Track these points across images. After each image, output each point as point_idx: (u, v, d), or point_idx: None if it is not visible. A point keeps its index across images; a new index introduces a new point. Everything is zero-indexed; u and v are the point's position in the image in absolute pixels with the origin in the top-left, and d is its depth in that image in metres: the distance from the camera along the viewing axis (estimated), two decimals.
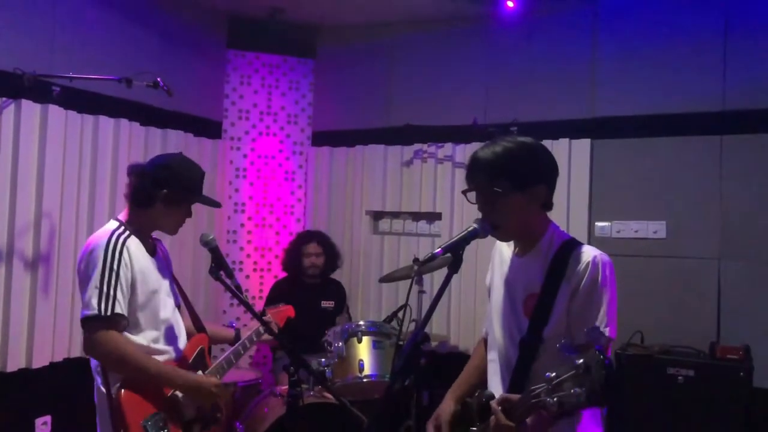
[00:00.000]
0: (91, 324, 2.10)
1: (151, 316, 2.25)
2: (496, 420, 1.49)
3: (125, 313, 2.15)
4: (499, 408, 1.49)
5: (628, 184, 3.79)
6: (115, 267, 2.13)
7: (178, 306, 2.49)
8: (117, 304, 2.11)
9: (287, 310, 3.02)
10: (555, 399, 1.26)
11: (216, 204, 2.49)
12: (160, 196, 2.25)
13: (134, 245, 2.24)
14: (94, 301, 2.09)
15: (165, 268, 2.42)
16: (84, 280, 2.15)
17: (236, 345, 2.57)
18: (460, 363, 2.07)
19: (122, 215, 2.31)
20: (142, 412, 2.14)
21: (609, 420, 1.81)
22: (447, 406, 1.89)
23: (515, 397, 1.48)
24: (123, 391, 2.12)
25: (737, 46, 3.56)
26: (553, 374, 1.30)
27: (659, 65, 3.73)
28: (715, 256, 3.55)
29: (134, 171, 2.31)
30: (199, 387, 2.25)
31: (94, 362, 2.23)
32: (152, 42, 4.02)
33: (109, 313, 2.09)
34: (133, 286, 2.18)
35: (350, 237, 4.61)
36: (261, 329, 2.65)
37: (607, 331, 1.61)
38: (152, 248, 2.37)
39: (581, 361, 1.23)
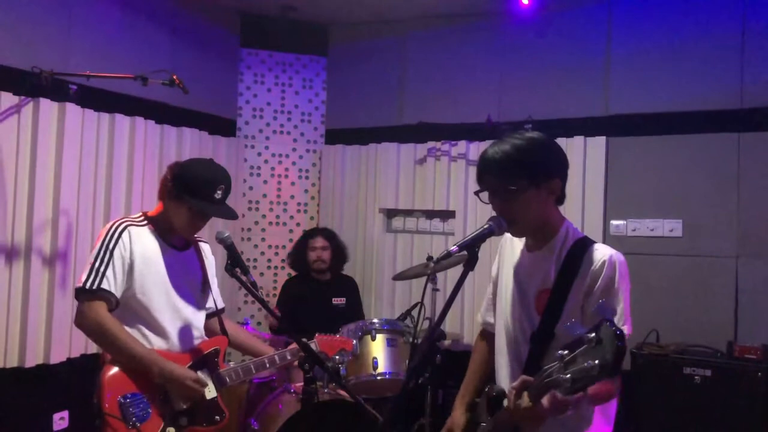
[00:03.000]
0: (79, 296, 2.20)
1: (156, 303, 2.27)
2: (515, 403, 1.48)
3: (114, 291, 2.19)
4: (518, 389, 1.49)
5: (643, 182, 3.76)
6: (110, 247, 2.21)
7: (212, 313, 2.50)
8: (105, 280, 2.17)
9: (343, 342, 2.77)
10: (568, 375, 1.25)
11: (225, 216, 2.33)
12: (167, 188, 2.31)
13: (143, 232, 2.29)
14: (84, 276, 2.18)
15: (194, 267, 2.43)
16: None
17: (264, 357, 2.49)
18: None
19: (154, 209, 2.39)
20: (123, 388, 2.16)
21: (624, 420, 1.79)
22: (458, 417, 1.88)
23: (531, 378, 1.48)
24: (110, 365, 2.18)
25: (755, 42, 3.52)
26: (565, 351, 1.28)
27: (675, 62, 3.70)
28: (732, 255, 3.51)
29: (169, 165, 2.39)
30: (173, 377, 2.20)
31: None
32: (167, 41, 4.05)
33: (94, 287, 2.16)
34: (131, 269, 2.23)
35: (363, 235, 4.61)
36: (293, 353, 2.50)
37: (625, 329, 1.60)
38: (180, 244, 2.40)
39: (593, 334, 1.21)
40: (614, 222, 3.82)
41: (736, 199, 3.53)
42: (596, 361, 1.18)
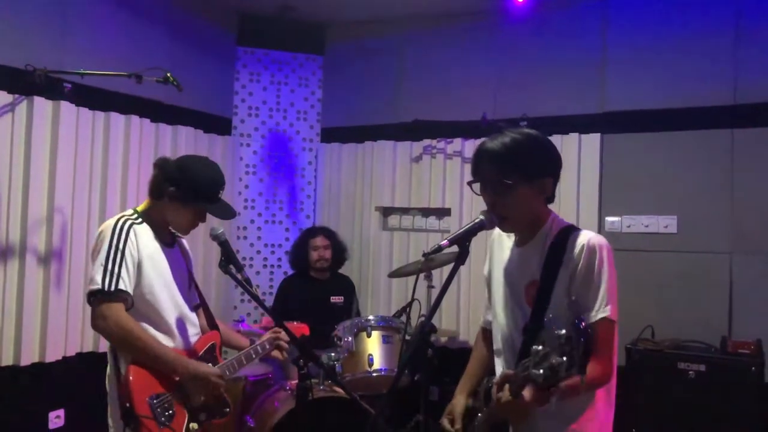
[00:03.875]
0: (95, 298, 2.16)
1: (161, 301, 2.27)
2: (496, 397, 1.51)
3: (129, 290, 2.18)
4: (499, 384, 1.52)
5: (638, 178, 3.78)
6: (120, 246, 2.18)
7: (196, 306, 2.51)
8: (121, 281, 2.15)
9: (301, 328, 2.89)
10: (540, 370, 1.30)
11: (227, 215, 2.38)
12: (167, 192, 2.29)
13: (144, 231, 2.28)
14: (98, 277, 2.14)
15: (182, 263, 2.45)
16: (93, 260, 2.22)
17: (248, 348, 2.53)
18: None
19: (141, 205, 2.38)
20: (150, 389, 2.16)
21: (619, 415, 1.80)
22: (459, 401, 1.91)
23: (511, 372, 1.51)
24: (132, 367, 2.16)
25: (748, 39, 3.53)
26: (540, 347, 1.33)
27: (669, 59, 3.71)
28: (726, 251, 3.52)
29: (157, 163, 2.37)
30: (200, 375, 2.24)
31: (107, 346, 2.26)
32: (163, 39, 4.04)
33: (112, 288, 2.13)
34: (139, 268, 2.22)
35: (360, 233, 4.62)
36: (270, 341, 2.55)
37: (608, 310, 1.62)
38: (169, 241, 2.41)
39: (563, 332, 1.26)
40: (609, 218, 3.83)
41: (730, 195, 3.54)
42: (563, 358, 1.24)
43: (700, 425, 3.07)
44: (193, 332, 2.41)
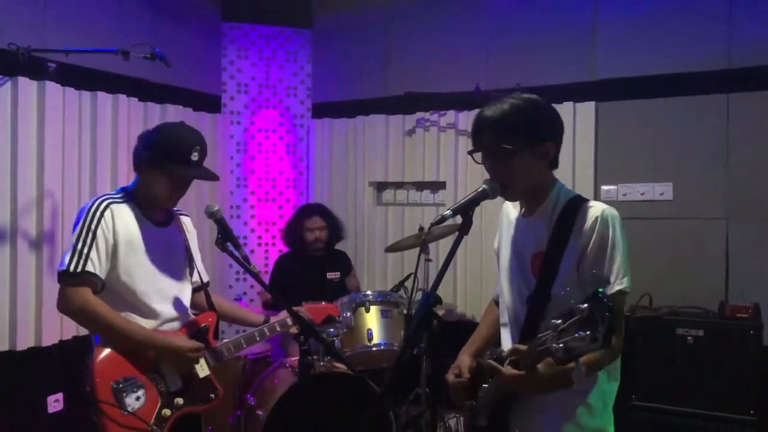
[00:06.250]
0: (62, 280, 2.13)
1: (140, 284, 2.22)
2: (505, 371, 1.51)
3: (98, 273, 2.13)
4: (508, 359, 1.51)
5: (633, 146, 3.75)
6: (92, 227, 2.14)
7: (197, 286, 2.47)
8: (89, 262, 2.11)
9: (330, 309, 2.82)
10: (561, 345, 1.28)
11: (212, 177, 2.33)
12: (144, 158, 2.25)
13: (124, 210, 2.23)
14: (67, 258, 2.12)
15: (178, 242, 2.39)
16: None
17: (254, 330, 2.50)
18: (467, 331, 2.06)
19: (131, 184, 2.34)
20: (116, 373, 2.13)
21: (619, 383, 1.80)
22: (464, 359, 1.87)
23: (524, 347, 1.49)
24: (99, 348, 2.14)
25: (742, 2, 3.49)
26: (559, 321, 1.31)
27: (662, 24, 3.66)
28: (722, 216, 3.52)
29: (138, 136, 2.34)
30: (174, 349, 2.21)
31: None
32: (147, 16, 3.94)
33: (78, 269, 2.09)
34: (114, 249, 2.17)
35: (354, 209, 4.59)
36: (288, 321, 2.52)
37: (624, 282, 1.62)
38: (163, 218, 2.35)
39: (585, 305, 1.24)
40: (605, 187, 3.82)
41: (725, 161, 3.53)
42: (587, 332, 1.22)
43: (699, 390, 3.10)
44: (184, 313, 2.36)
